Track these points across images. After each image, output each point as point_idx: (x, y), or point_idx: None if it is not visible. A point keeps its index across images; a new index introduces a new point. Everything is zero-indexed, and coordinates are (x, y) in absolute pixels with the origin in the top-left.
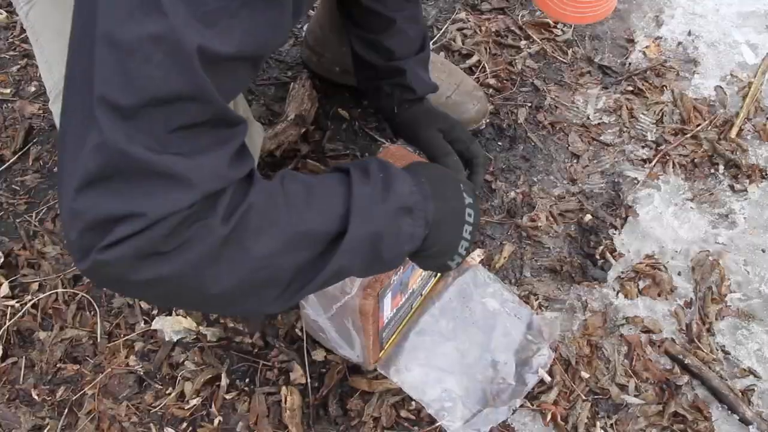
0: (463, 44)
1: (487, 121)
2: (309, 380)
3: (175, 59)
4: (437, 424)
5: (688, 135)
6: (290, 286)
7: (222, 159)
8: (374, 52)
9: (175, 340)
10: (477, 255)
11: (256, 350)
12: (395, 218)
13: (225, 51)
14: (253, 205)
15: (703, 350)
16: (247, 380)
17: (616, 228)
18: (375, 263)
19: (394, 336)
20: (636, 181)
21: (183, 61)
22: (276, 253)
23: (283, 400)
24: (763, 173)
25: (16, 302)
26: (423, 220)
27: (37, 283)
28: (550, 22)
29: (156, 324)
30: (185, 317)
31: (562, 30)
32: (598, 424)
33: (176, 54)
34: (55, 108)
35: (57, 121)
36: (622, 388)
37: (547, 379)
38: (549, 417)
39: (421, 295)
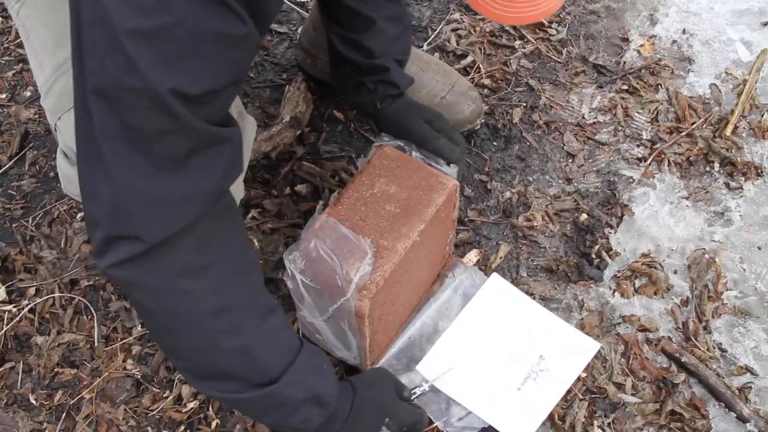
0: (457, 45)
1: (482, 121)
2: None
3: (154, 104)
4: (434, 425)
5: (684, 133)
6: (205, 381)
7: (215, 174)
8: (355, 51)
9: None
10: (474, 256)
11: None
12: (305, 402)
13: (196, 90)
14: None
15: (699, 348)
16: None
17: (611, 227)
18: (265, 418)
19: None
20: (631, 180)
21: (162, 104)
22: (219, 351)
23: None
24: (759, 170)
25: (13, 307)
26: (326, 416)
27: (33, 288)
28: (545, 22)
29: None
30: None
31: (556, 30)
32: (595, 423)
33: (154, 100)
34: (47, 103)
35: (50, 117)
36: (619, 386)
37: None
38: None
39: None
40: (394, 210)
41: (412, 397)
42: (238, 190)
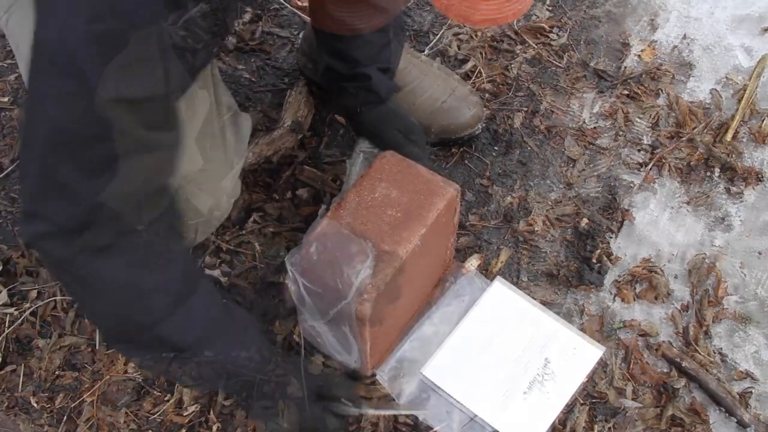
0: (458, 50)
1: (483, 125)
2: None
3: (93, 108)
4: (434, 430)
5: (684, 138)
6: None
7: (142, 178)
8: (339, 60)
9: None
10: (475, 261)
11: None
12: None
13: (139, 95)
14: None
15: (700, 353)
16: None
17: (612, 232)
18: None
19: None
20: (632, 185)
21: (100, 110)
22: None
23: None
24: (759, 176)
25: (15, 310)
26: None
27: (35, 291)
28: (546, 27)
29: None
30: None
31: (557, 35)
32: (596, 428)
33: (94, 104)
34: None
35: None
36: (620, 391)
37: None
38: None
39: None
40: (396, 214)
41: (337, 410)
42: (234, 189)
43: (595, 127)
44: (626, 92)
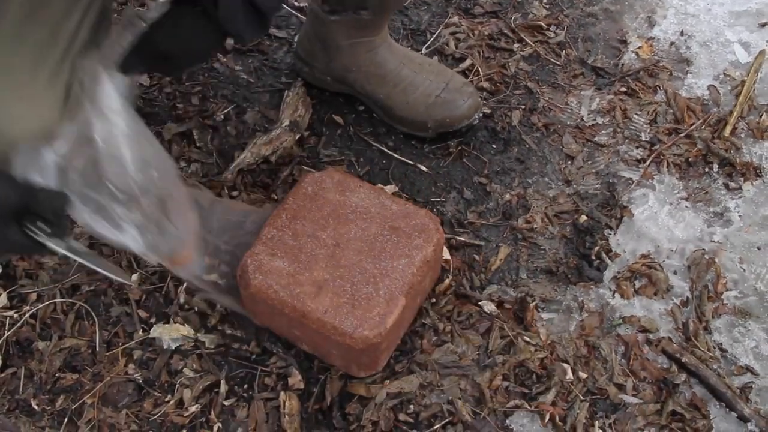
0: (456, 48)
1: (480, 115)
2: (307, 385)
3: None
4: (436, 427)
5: (682, 134)
6: None
7: None
8: None
9: (173, 347)
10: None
11: (254, 356)
12: None
13: None
14: None
15: (700, 348)
16: (245, 386)
17: (611, 228)
18: None
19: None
20: (631, 181)
21: None
22: None
23: (282, 406)
24: (758, 171)
25: (15, 313)
26: None
27: (35, 294)
28: (543, 25)
29: (154, 332)
30: (183, 325)
31: (554, 32)
32: (596, 423)
33: None
34: None
35: None
36: (620, 387)
37: None
38: (547, 418)
39: None
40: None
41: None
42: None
43: (593, 124)
44: (624, 89)
